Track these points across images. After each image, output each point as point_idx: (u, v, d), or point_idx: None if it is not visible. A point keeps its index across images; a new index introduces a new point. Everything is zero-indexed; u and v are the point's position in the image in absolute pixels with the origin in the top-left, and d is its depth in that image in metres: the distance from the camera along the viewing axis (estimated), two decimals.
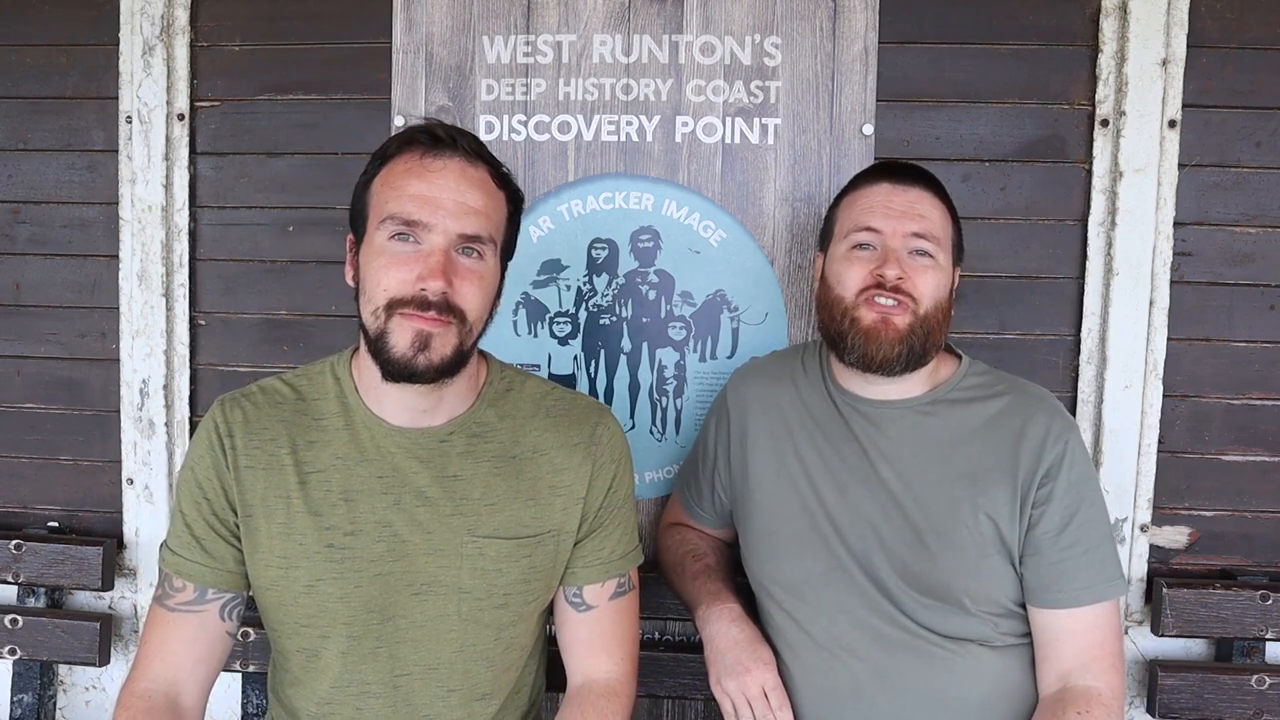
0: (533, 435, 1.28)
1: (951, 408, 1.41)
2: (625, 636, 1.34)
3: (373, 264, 1.16)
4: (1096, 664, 1.31)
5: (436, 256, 1.13)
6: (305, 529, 1.21)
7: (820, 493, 1.41)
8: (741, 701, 1.36)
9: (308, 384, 1.29)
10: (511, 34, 1.77)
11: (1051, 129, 1.75)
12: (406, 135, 1.19)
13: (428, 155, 1.16)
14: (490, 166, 1.20)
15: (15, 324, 1.95)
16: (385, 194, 1.17)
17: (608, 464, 1.31)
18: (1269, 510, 1.79)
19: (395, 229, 1.14)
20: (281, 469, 1.23)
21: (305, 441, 1.24)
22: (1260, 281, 1.76)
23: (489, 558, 1.23)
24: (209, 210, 1.89)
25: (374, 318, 1.15)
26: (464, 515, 1.23)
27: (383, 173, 1.19)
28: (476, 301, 1.17)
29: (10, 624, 1.84)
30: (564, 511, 1.27)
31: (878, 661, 1.35)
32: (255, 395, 1.28)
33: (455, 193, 1.15)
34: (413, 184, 1.15)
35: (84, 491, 1.95)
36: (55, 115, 1.90)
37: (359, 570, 1.21)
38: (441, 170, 1.16)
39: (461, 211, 1.15)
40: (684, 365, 1.80)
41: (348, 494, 1.22)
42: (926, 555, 1.34)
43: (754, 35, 1.74)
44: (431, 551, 1.22)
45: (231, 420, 1.25)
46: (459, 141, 1.17)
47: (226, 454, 1.23)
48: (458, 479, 1.24)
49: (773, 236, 1.77)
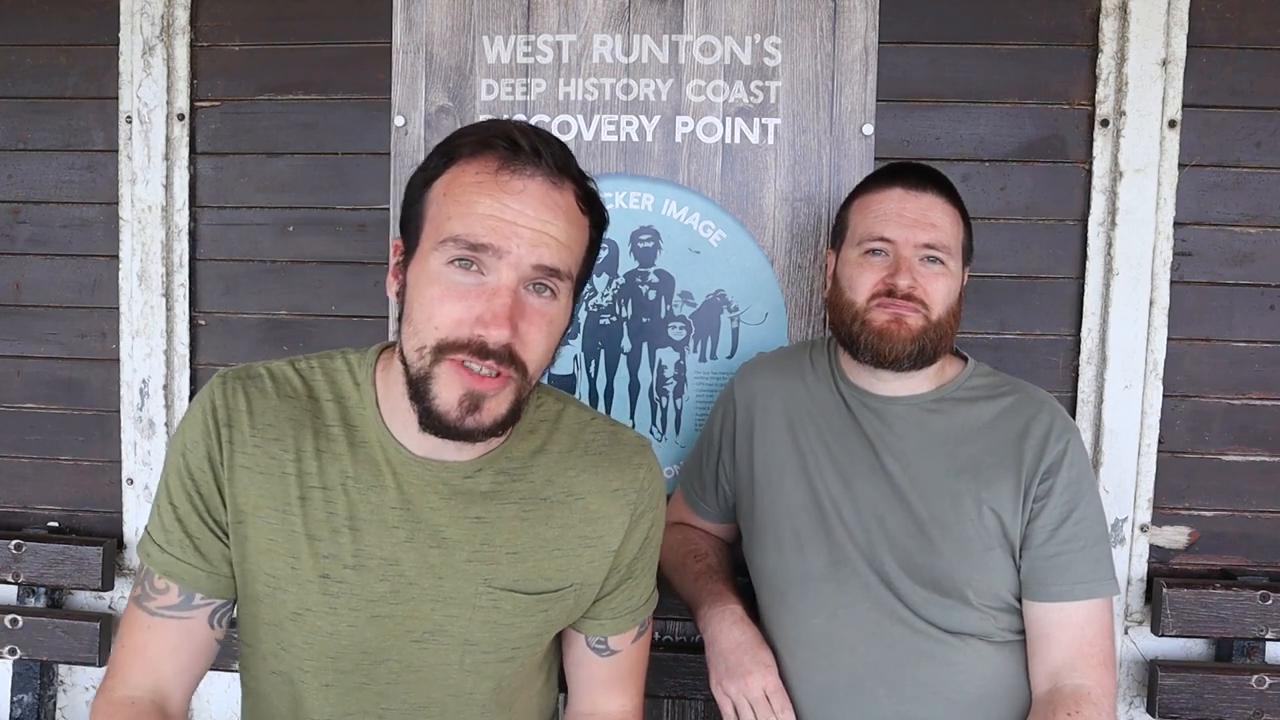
0: (568, 475, 1.13)
1: (957, 405, 1.42)
2: (641, 671, 1.27)
3: (425, 292, 0.98)
4: (1086, 661, 1.31)
5: (503, 297, 0.96)
6: (299, 552, 1.05)
7: (826, 485, 1.42)
8: (743, 704, 1.36)
9: (322, 379, 1.11)
10: (511, 34, 1.77)
11: (1051, 129, 1.75)
12: (482, 138, 0.99)
13: (505, 170, 0.97)
14: (576, 184, 1.02)
15: (15, 324, 1.95)
16: (449, 207, 0.98)
17: (646, 513, 1.18)
18: (1269, 510, 1.79)
19: (458, 253, 0.96)
20: (283, 477, 1.06)
21: (313, 450, 1.07)
22: (1260, 281, 1.76)
23: (503, 611, 1.10)
24: (209, 210, 1.89)
25: (418, 356, 0.98)
26: (482, 563, 1.09)
27: (447, 177, 0.99)
28: (542, 350, 1.00)
29: (10, 624, 1.84)
30: (591, 564, 1.14)
31: (878, 656, 1.36)
32: (263, 381, 1.09)
33: (535, 220, 0.96)
34: (484, 203, 0.96)
35: (84, 491, 1.95)
36: (55, 115, 1.90)
37: (355, 609, 1.06)
38: (521, 192, 0.97)
39: (540, 241, 0.97)
40: (684, 365, 1.80)
41: (353, 521, 1.06)
42: (930, 547, 1.35)
43: (754, 35, 1.74)
44: (440, 599, 1.08)
45: (233, 406, 1.07)
46: (544, 154, 0.98)
47: (223, 446, 1.06)
48: (480, 521, 1.09)
49: (773, 236, 1.77)
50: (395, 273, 1.05)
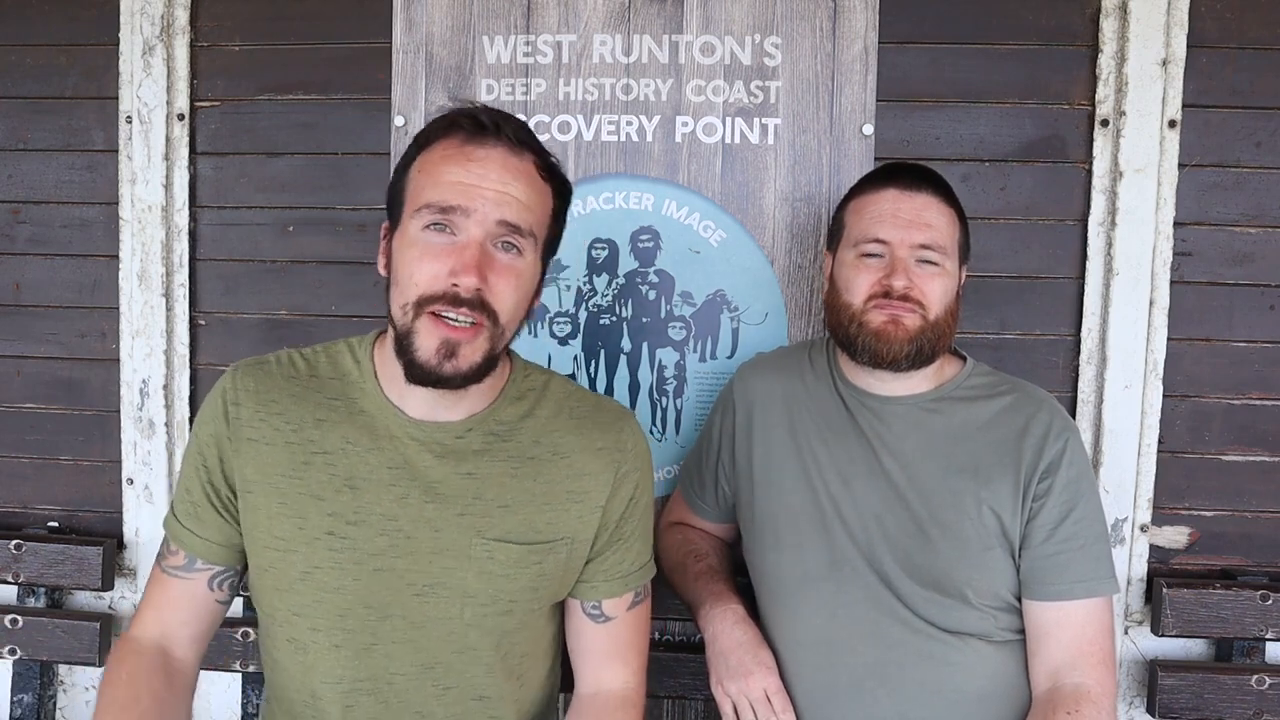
0: (554, 437, 1.23)
1: (956, 405, 1.42)
2: (640, 645, 1.31)
3: (405, 255, 1.11)
4: (1086, 660, 1.31)
5: (472, 250, 1.08)
6: (306, 512, 1.16)
7: (825, 485, 1.42)
8: (743, 704, 1.36)
9: (325, 361, 1.23)
10: (511, 34, 1.77)
11: (1051, 129, 1.75)
12: (448, 120, 1.13)
13: (470, 142, 1.10)
14: (536, 155, 1.13)
15: (15, 324, 1.95)
16: (422, 181, 1.11)
17: (631, 472, 1.26)
18: (1269, 510, 1.79)
19: (431, 218, 1.09)
20: (287, 445, 1.18)
21: (314, 420, 1.19)
22: (1260, 281, 1.76)
23: (498, 562, 1.18)
24: (209, 210, 1.89)
25: (402, 313, 1.10)
26: (474, 515, 1.18)
27: (421, 158, 1.13)
28: (511, 301, 1.11)
29: (10, 624, 1.84)
30: (580, 519, 1.22)
31: (878, 656, 1.36)
32: (269, 365, 1.23)
33: (497, 182, 1.09)
34: (452, 171, 1.09)
35: (84, 491, 1.95)
36: (55, 115, 1.90)
37: (358, 563, 1.16)
38: (484, 159, 1.09)
39: (501, 200, 1.09)
40: (684, 365, 1.80)
41: (353, 481, 1.17)
42: (929, 546, 1.35)
43: (754, 35, 1.75)
44: (437, 551, 1.17)
45: (241, 388, 1.20)
46: (503, 128, 1.11)
47: (230, 423, 1.19)
48: (471, 477, 1.18)
49: (773, 236, 1.77)
50: (384, 251, 1.17)
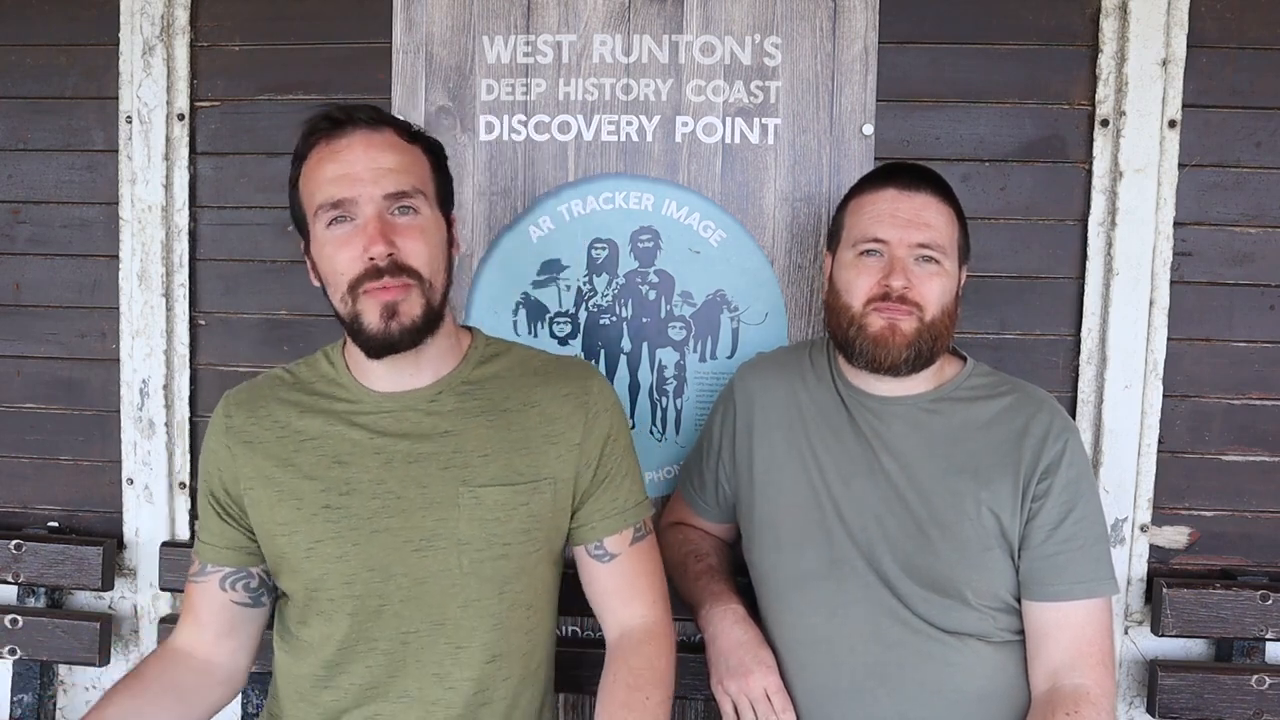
0: (522, 390, 1.32)
1: (955, 405, 1.42)
2: (654, 578, 1.36)
3: (323, 255, 1.22)
4: (1085, 661, 1.31)
5: (371, 224, 1.18)
6: (302, 493, 1.26)
7: (826, 485, 1.42)
8: (744, 703, 1.37)
9: (305, 368, 1.36)
10: (511, 34, 1.77)
11: (1051, 129, 1.75)
12: (308, 129, 1.23)
13: (332, 139, 1.21)
14: (393, 127, 1.24)
15: (15, 324, 1.95)
16: (309, 189, 1.22)
17: (601, 413, 1.33)
18: (1269, 510, 1.79)
19: (329, 216, 1.20)
20: (278, 440, 1.29)
21: (299, 413, 1.30)
22: (1260, 281, 1.76)
23: (486, 506, 1.25)
24: (209, 210, 1.89)
25: (343, 304, 1.21)
26: (457, 467, 1.26)
27: (302, 171, 1.24)
28: (425, 254, 1.21)
29: (10, 624, 1.84)
30: (559, 459, 1.29)
31: (878, 656, 1.36)
32: (257, 382, 1.37)
33: (367, 160, 1.19)
34: (326, 168, 1.20)
35: (84, 491, 1.95)
36: (55, 115, 1.90)
37: (355, 528, 1.25)
38: (348, 146, 1.20)
39: (378, 175, 1.19)
40: (684, 365, 1.80)
41: (339, 457, 1.27)
42: (929, 547, 1.35)
43: (754, 35, 1.74)
44: (427, 505, 1.25)
45: (233, 403, 1.34)
46: (356, 115, 1.21)
47: (228, 433, 1.31)
48: (449, 434, 1.27)
49: (773, 236, 1.77)
50: (310, 266, 1.27)
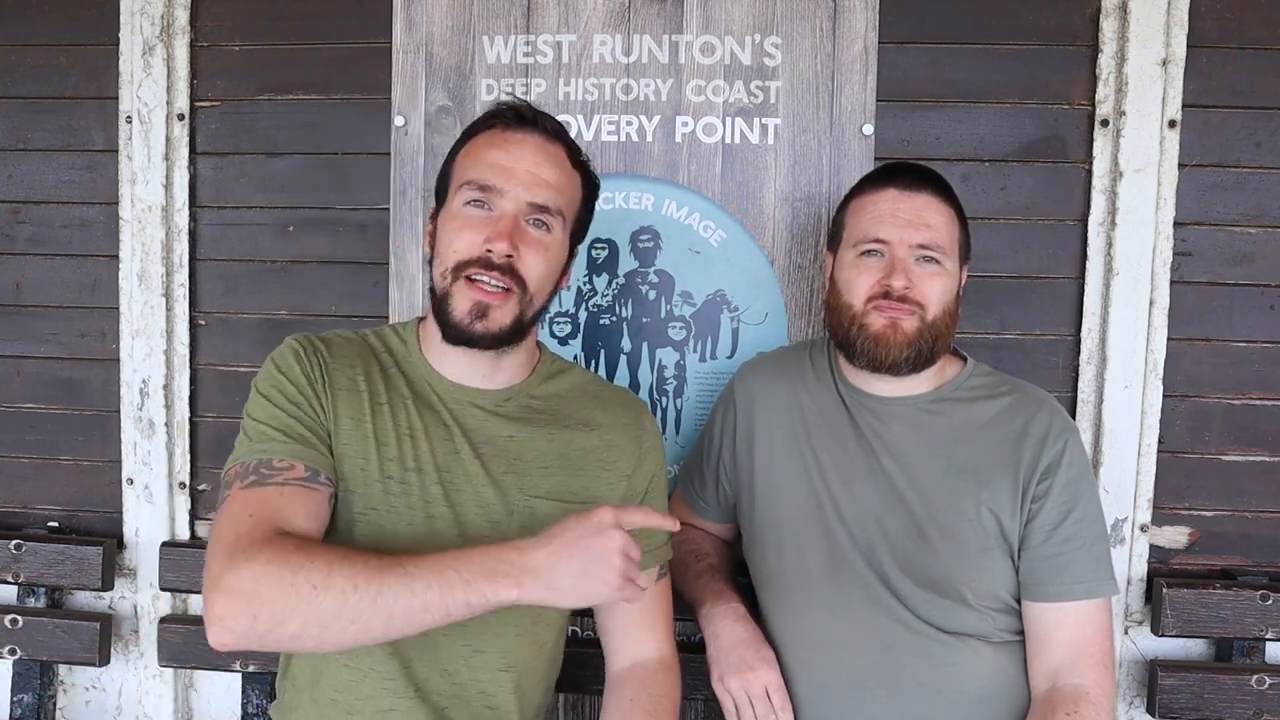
0: (583, 412, 1.34)
1: (956, 405, 1.42)
2: (668, 613, 1.39)
3: (447, 227, 1.23)
4: (1085, 661, 1.31)
5: (505, 221, 1.19)
6: (369, 455, 1.22)
7: (826, 486, 1.42)
8: (743, 700, 1.37)
9: (375, 339, 1.33)
10: (511, 34, 1.77)
11: (1051, 129, 1.75)
12: (493, 111, 1.26)
13: (509, 130, 1.24)
14: (568, 146, 1.27)
15: (15, 324, 1.95)
16: (465, 163, 1.24)
17: (652, 450, 1.37)
18: (1269, 510, 1.79)
19: (471, 194, 1.21)
20: (357, 393, 1.25)
21: (379, 373, 1.28)
22: (1260, 281, 1.76)
23: (538, 518, 1.24)
24: (209, 210, 1.89)
25: (442, 279, 1.22)
26: (517, 474, 1.26)
27: (467, 145, 1.26)
28: (540, 270, 1.22)
29: (10, 624, 1.84)
30: (609, 486, 1.31)
31: (878, 656, 1.36)
32: (327, 335, 1.31)
33: (530, 164, 1.21)
34: (492, 153, 1.22)
35: (84, 491, 1.95)
36: (55, 115, 1.90)
37: (412, 508, 1.22)
38: (520, 142, 1.22)
39: (534, 181, 1.21)
40: (684, 365, 1.80)
41: (412, 431, 1.25)
42: (928, 548, 1.35)
43: (754, 35, 1.74)
44: (483, 505, 1.24)
45: (317, 344, 1.27)
46: (540, 121, 1.24)
47: (316, 367, 1.24)
48: (513, 439, 1.28)
49: (773, 236, 1.77)
50: (429, 231, 1.29)
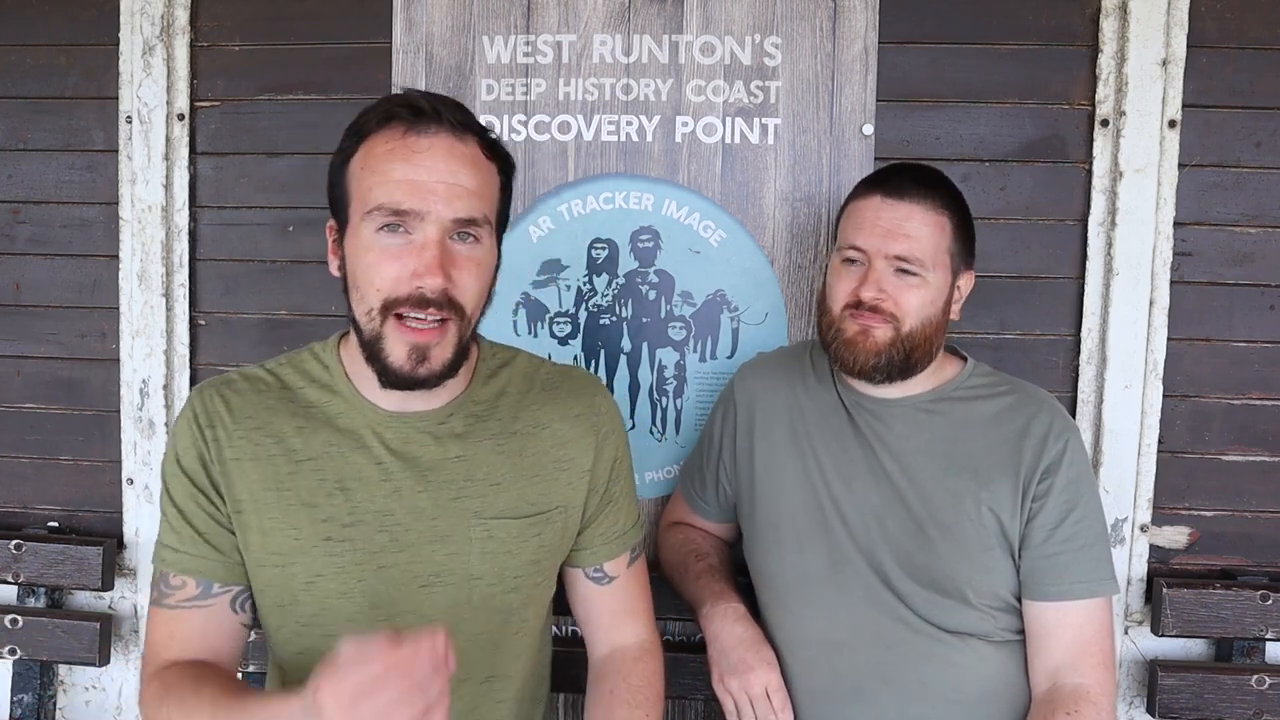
0: (531, 410, 1.23)
1: (955, 405, 1.42)
2: (646, 598, 1.35)
3: (362, 260, 1.07)
4: (1085, 660, 1.31)
5: (431, 250, 1.05)
6: (300, 522, 1.14)
7: (826, 485, 1.42)
8: (744, 700, 1.37)
9: (292, 371, 1.21)
10: (511, 34, 1.77)
11: (1051, 129, 1.75)
12: (385, 110, 1.08)
13: (411, 133, 1.06)
14: (479, 136, 1.11)
15: (15, 324, 1.95)
16: (368, 179, 1.07)
17: (610, 434, 1.28)
18: (1269, 510, 1.79)
19: (384, 220, 1.05)
20: (270, 459, 1.15)
21: (293, 428, 1.16)
22: (1260, 281, 1.76)
23: (498, 540, 1.18)
24: (209, 210, 1.89)
25: (368, 318, 1.08)
26: (469, 498, 1.17)
27: (361, 152, 1.09)
28: (475, 291, 1.10)
29: (10, 624, 1.84)
30: (569, 486, 1.24)
31: (879, 656, 1.36)
32: (237, 383, 1.19)
33: (446, 173, 1.05)
34: (397, 168, 1.05)
35: (84, 491, 1.95)
36: (55, 115, 1.90)
37: (360, 563, 1.14)
38: (428, 150, 1.05)
39: (454, 195, 1.05)
40: (684, 365, 1.80)
41: (343, 482, 1.15)
42: (929, 547, 1.35)
43: (754, 35, 1.74)
44: (437, 539, 1.16)
45: (212, 409, 1.16)
46: (443, 113, 1.07)
47: (209, 445, 1.15)
48: (460, 460, 1.18)
49: (773, 236, 1.77)
50: (334, 250, 1.15)
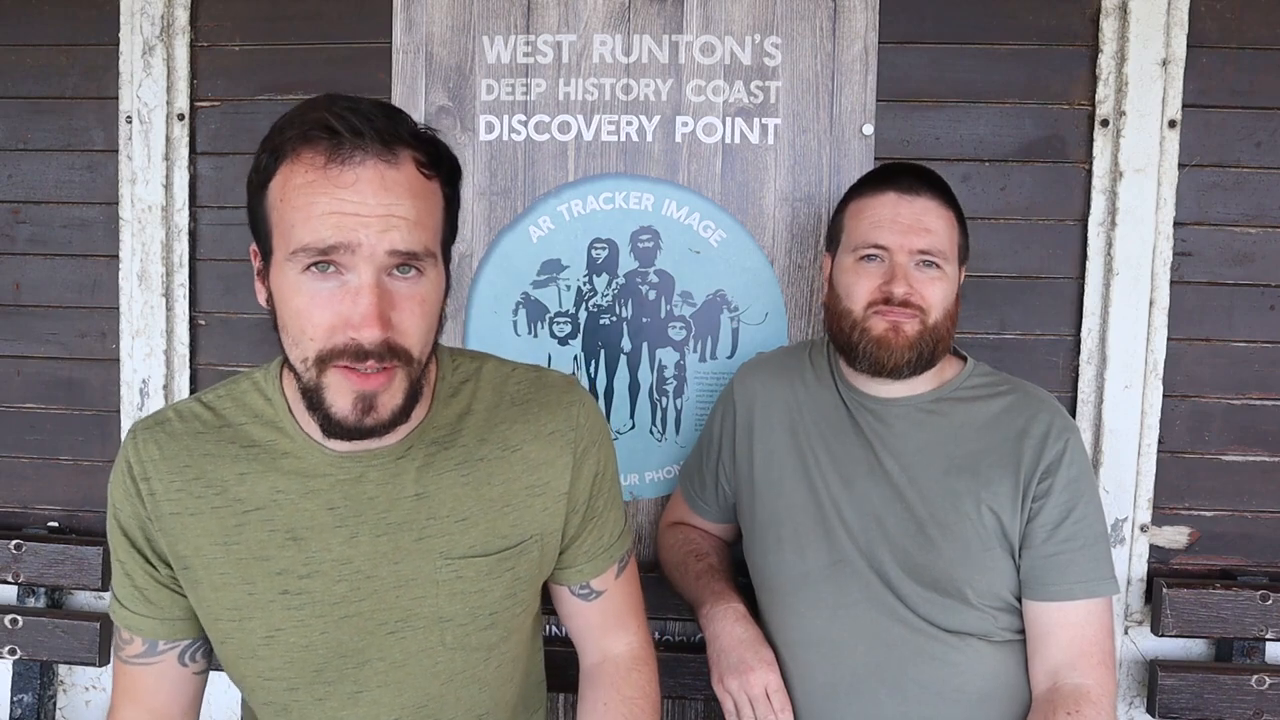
0: (500, 430, 1.11)
1: (956, 405, 1.42)
2: (636, 604, 1.27)
3: (291, 303, 0.94)
4: (1086, 660, 1.31)
5: (366, 295, 0.91)
6: (254, 576, 1.05)
7: (826, 485, 1.42)
8: (743, 700, 1.37)
9: (232, 406, 1.09)
10: (511, 34, 1.77)
11: (1051, 129, 1.75)
12: (300, 130, 0.93)
13: (332, 163, 0.91)
14: (413, 149, 0.95)
15: (15, 324, 1.95)
16: (290, 214, 0.92)
17: (590, 448, 1.16)
18: (1269, 510, 1.79)
19: (309, 260, 0.92)
20: (214, 511, 1.05)
21: (236, 475, 1.05)
22: (1260, 281, 1.76)
23: (467, 579, 1.09)
24: (209, 210, 1.89)
25: (304, 368, 0.95)
26: (433, 537, 1.07)
27: (279, 179, 0.94)
28: (420, 332, 0.97)
29: (10, 624, 1.84)
30: (545, 512, 1.13)
31: (879, 656, 1.36)
32: (171, 424, 1.08)
33: (377, 206, 0.91)
34: (321, 201, 0.91)
35: (84, 491, 1.95)
36: (55, 115, 1.90)
37: (321, 615, 1.06)
38: (355, 180, 0.91)
39: (388, 225, 0.91)
40: (684, 365, 1.80)
41: (294, 532, 1.05)
42: (929, 546, 1.35)
43: (754, 35, 1.74)
44: (401, 584, 1.07)
45: (145, 458, 1.06)
46: (367, 132, 0.91)
47: (145, 500, 1.05)
48: (420, 498, 1.07)
49: (773, 236, 1.77)
50: (260, 279, 1.01)
